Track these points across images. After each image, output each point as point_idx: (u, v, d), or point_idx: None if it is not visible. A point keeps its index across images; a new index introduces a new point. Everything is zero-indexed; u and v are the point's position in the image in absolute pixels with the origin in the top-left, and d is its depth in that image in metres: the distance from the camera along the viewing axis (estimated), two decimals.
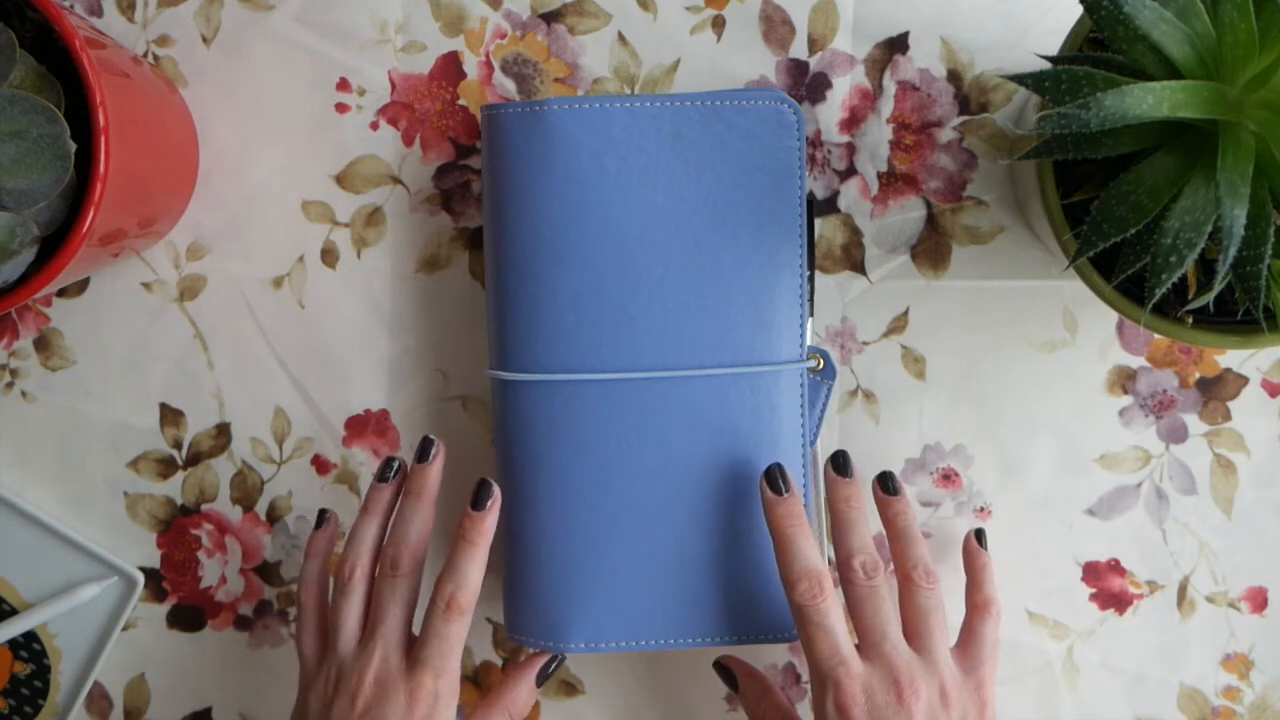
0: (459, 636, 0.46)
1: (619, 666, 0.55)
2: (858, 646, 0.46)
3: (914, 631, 0.46)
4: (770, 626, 0.50)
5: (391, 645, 0.46)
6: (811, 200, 0.52)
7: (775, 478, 0.48)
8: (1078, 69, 0.37)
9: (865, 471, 0.53)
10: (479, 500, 0.48)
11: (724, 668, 0.52)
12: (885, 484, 0.51)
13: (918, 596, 0.47)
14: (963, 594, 0.51)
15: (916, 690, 0.44)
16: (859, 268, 0.54)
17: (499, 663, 0.55)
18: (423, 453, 0.50)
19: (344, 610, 0.48)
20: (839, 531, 0.48)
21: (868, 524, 0.49)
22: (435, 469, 0.50)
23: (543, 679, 0.51)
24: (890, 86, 0.53)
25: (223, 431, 0.55)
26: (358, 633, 0.48)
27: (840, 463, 0.50)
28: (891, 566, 0.50)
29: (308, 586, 0.50)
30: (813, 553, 0.46)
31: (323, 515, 0.52)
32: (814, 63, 0.53)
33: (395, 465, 0.50)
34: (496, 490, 0.48)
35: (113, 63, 0.47)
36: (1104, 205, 0.38)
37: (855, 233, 0.53)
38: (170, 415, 0.55)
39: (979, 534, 0.52)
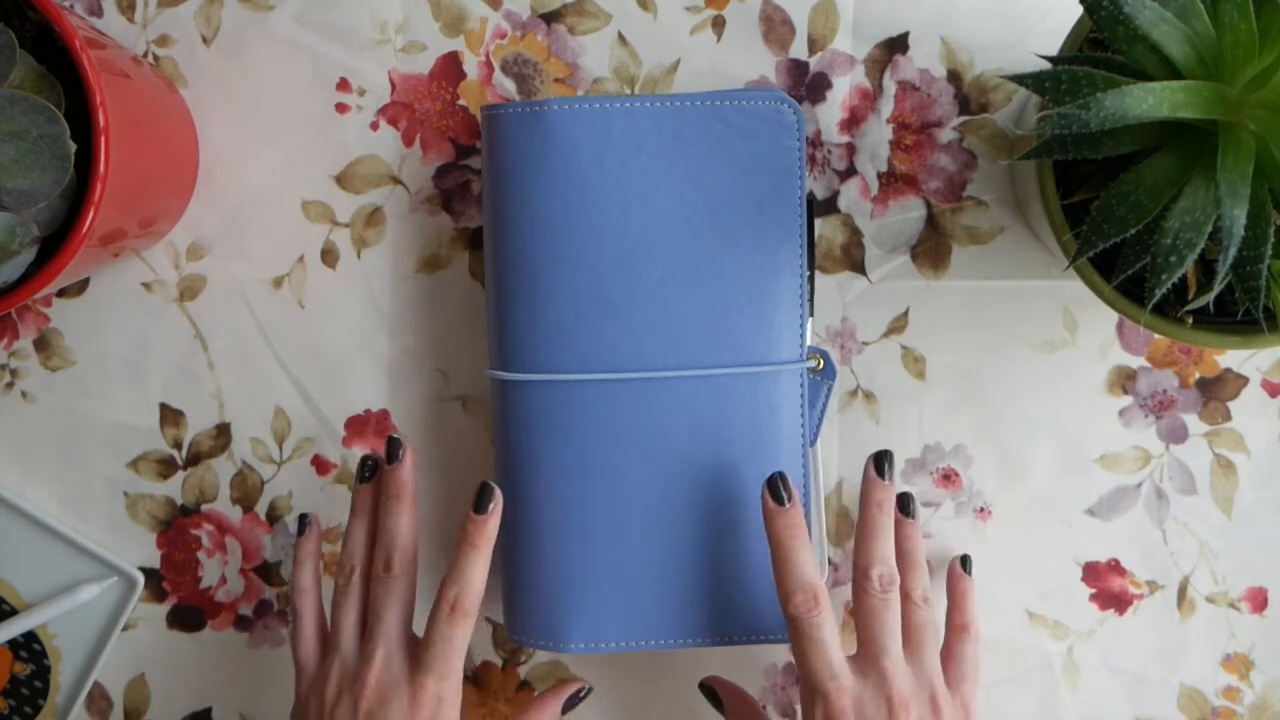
0: (463, 639, 0.46)
1: (619, 666, 0.55)
2: (852, 657, 0.46)
3: (909, 641, 0.47)
4: (771, 626, 0.50)
5: (393, 646, 0.46)
6: (811, 200, 0.52)
7: (778, 486, 0.47)
8: (1078, 69, 0.37)
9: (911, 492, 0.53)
10: (481, 503, 0.47)
11: (709, 689, 0.52)
12: (905, 506, 0.50)
13: (915, 613, 0.47)
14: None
15: (908, 708, 0.44)
16: (859, 268, 0.54)
17: (499, 663, 0.55)
18: (391, 453, 0.49)
19: (343, 611, 0.48)
20: (864, 535, 0.48)
21: (893, 533, 0.48)
22: (407, 468, 0.49)
23: (570, 707, 0.51)
24: (890, 86, 0.53)
25: (223, 431, 0.55)
26: (358, 634, 0.47)
27: (883, 464, 0.49)
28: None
29: (301, 592, 0.50)
30: (810, 565, 0.46)
31: (304, 520, 0.51)
32: (814, 63, 0.53)
33: (371, 463, 0.50)
34: (498, 493, 0.48)
35: (113, 63, 0.47)
36: (1104, 205, 0.38)
37: (855, 233, 0.53)
38: (170, 415, 0.55)
39: (964, 560, 0.52)
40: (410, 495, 0.49)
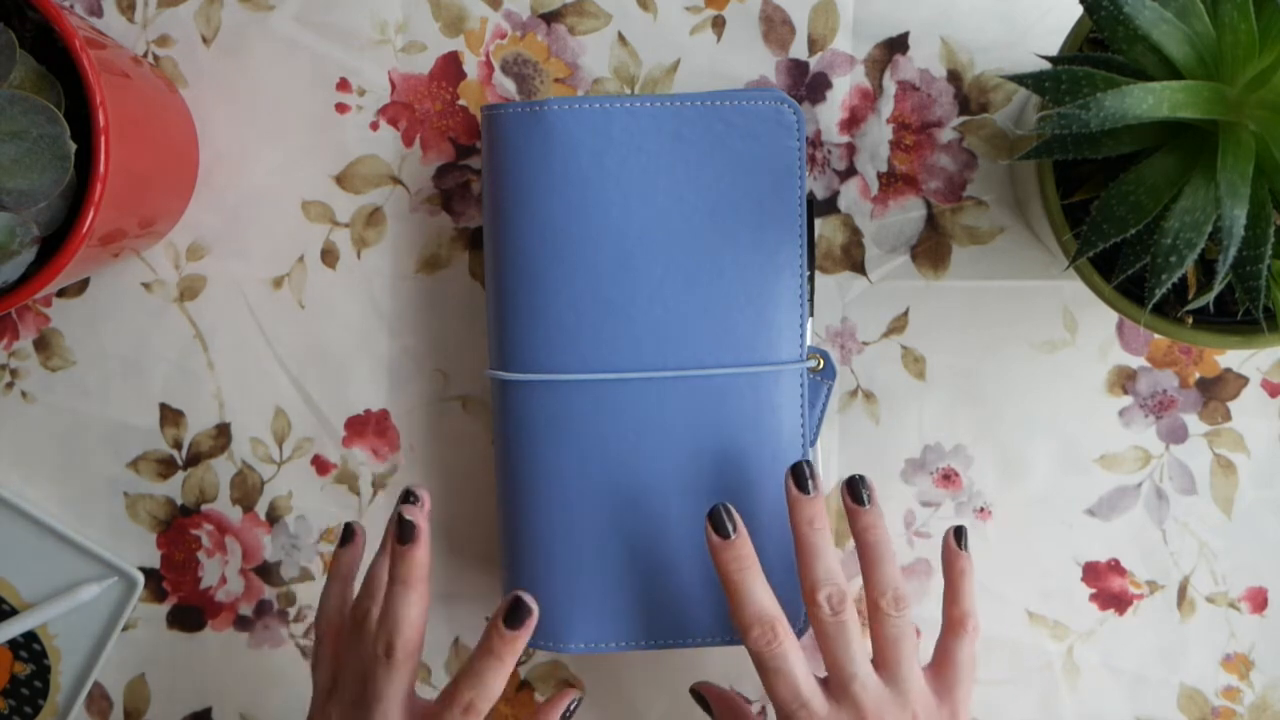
0: None
1: (619, 666, 0.55)
2: (825, 681, 0.44)
3: (883, 661, 0.44)
4: None
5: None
6: (811, 200, 0.52)
7: (721, 519, 0.45)
8: (1078, 69, 0.37)
9: (860, 474, 0.53)
10: (514, 619, 0.43)
11: (699, 694, 0.51)
12: (854, 492, 0.46)
13: (886, 625, 0.44)
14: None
15: None
16: (859, 268, 0.54)
17: None
18: (402, 534, 0.45)
19: (350, 654, 0.45)
20: (801, 558, 0.45)
21: (833, 546, 0.45)
22: (421, 553, 0.45)
23: (565, 718, 0.50)
24: (890, 86, 0.53)
25: (223, 431, 0.55)
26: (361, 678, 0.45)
27: (803, 477, 0.46)
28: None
29: (325, 615, 0.47)
30: (763, 596, 0.44)
31: (348, 531, 0.49)
32: (814, 63, 0.53)
33: (413, 495, 0.47)
34: (535, 612, 0.44)
35: (113, 63, 0.47)
36: (1104, 205, 0.38)
37: (855, 233, 0.53)
38: (170, 415, 0.55)
39: (959, 532, 0.48)
40: (423, 582, 0.45)
